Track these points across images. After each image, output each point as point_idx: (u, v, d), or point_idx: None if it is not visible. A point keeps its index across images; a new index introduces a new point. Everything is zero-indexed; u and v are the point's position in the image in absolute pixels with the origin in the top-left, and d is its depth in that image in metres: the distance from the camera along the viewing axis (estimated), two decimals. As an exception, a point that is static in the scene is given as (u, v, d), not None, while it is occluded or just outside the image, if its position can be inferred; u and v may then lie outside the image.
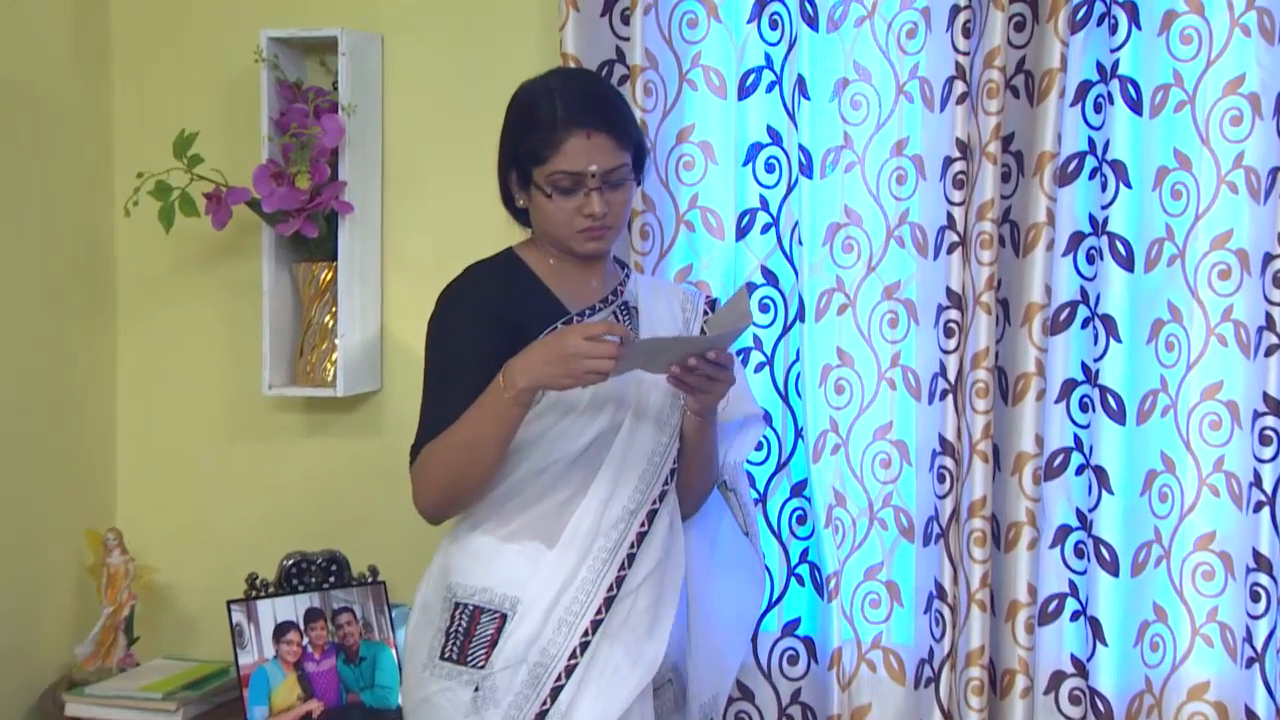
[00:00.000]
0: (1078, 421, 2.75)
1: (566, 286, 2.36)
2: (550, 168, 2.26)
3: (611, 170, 2.26)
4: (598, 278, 2.39)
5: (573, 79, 2.45)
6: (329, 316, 2.99)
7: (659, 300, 2.46)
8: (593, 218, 2.27)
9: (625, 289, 2.43)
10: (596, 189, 2.26)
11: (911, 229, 2.82)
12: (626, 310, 2.41)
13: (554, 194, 2.27)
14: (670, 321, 2.43)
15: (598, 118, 2.27)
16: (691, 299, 2.50)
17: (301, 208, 2.83)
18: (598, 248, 2.33)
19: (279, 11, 3.08)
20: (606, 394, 2.27)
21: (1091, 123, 2.70)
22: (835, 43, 2.83)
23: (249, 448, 3.16)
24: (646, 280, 2.55)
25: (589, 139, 2.25)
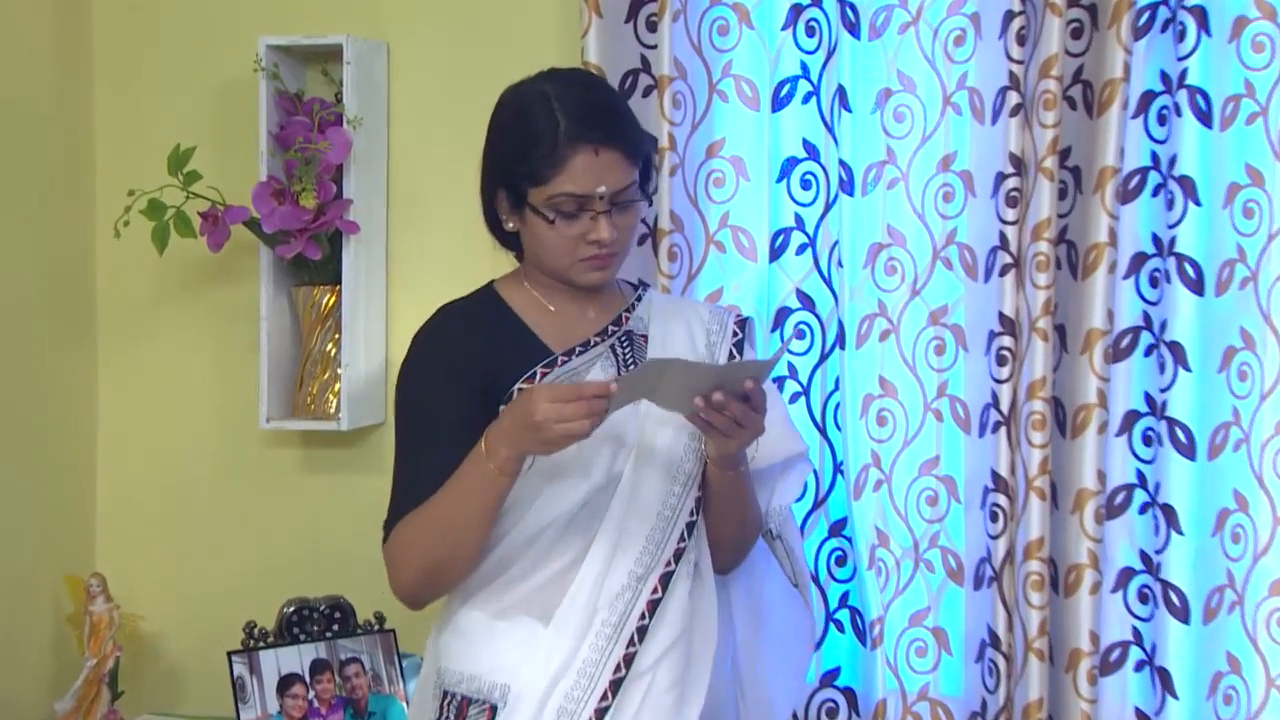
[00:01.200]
0: (1141, 456, 2.68)
1: (555, 323, 2.16)
2: (552, 189, 2.05)
3: (622, 190, 2.07)
4: (596, 307, 2.20)
5: (573, 84, 2.14)
6: (331, 344, 2.90)
7: (675, 322, 2.23)
8: (599, 245, 2.08)
9: (632, 315, 2.22)
10: (605, 212, 2.06)
11: (960, 250, 2.75)
12: (628, 340, 2.19)
13: (556, 218, 2.07)
14: (687, 348, 2.21)
15: (606, 130, 2.06)
16: (719, 319, 2.27)
17: (304, 228, 2.73)
18: (602, 278, 2.14)
19: (275, 18, 2.99)
20: (602, 437, 2.01)
21: (1155, 136, 2.64)
22: (877, 51, 2.76)
23: (243, 485, 3.06)
24: (663, 300, 2.32)
25: (597, 156, 2.04)
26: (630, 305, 2.24)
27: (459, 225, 2.91)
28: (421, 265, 2.99)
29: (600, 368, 2.14)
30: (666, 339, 2.20)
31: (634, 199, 2.10)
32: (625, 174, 2.07)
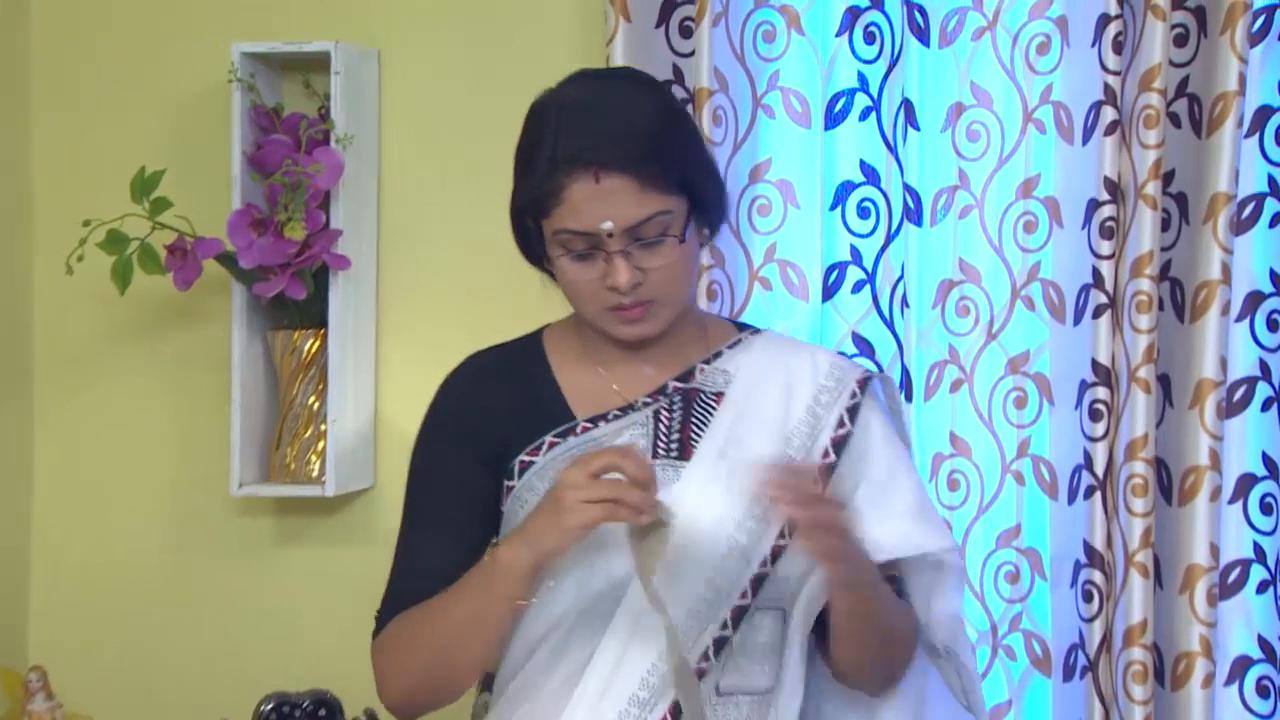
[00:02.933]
0: (1259, 526, 2.53)
1: (594, 381, 1.93)
2: (554, 223, 1.83)
3: (639, 224, 1.79)
4: (658, 360, 1.93)
5: (588, 88, 1.88)
6: (314, 397, 2.69)
7: (771, 376, 1.94)
8: (618, 292, 1.82)
9: (710, 368, 1.94)
10: (620, 252, 1.80)
11: (1044, 288, 2.59)
12: (684, 403, 1.92)
13: (567, 258, 1.84)
14: (777, 410, 1.91)
15: (609, 150, 1.77)
16: (838, 374, 1.96)
17: (288, 263, 2.52)
18: (637, 333, 1.87)
19: (247, 23, 2.80)
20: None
21: (1274, 157, 2.50)
22: (948, 60, 2.61)
23: (210, 561, 2.85)
24: (768, 345, 2.00)
25: (597, 183, 1.77)
26: (712, 355, 1.97)
27: (459, 259, 2.78)
28: (416, 305, 2.81)
29: (628, 439, 1.89)
30: (750, 399, 1.92)
31: (663, 234, 1.81)
32: (638, 205, 1.78)
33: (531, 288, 2.69)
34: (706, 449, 1.88)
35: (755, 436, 1.88)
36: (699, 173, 1.86)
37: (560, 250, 1.83)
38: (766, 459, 1.82)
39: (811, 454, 1.89)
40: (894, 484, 1.91)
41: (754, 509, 1.84)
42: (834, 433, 1.92)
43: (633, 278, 1.80)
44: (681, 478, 1.86)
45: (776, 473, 1.73)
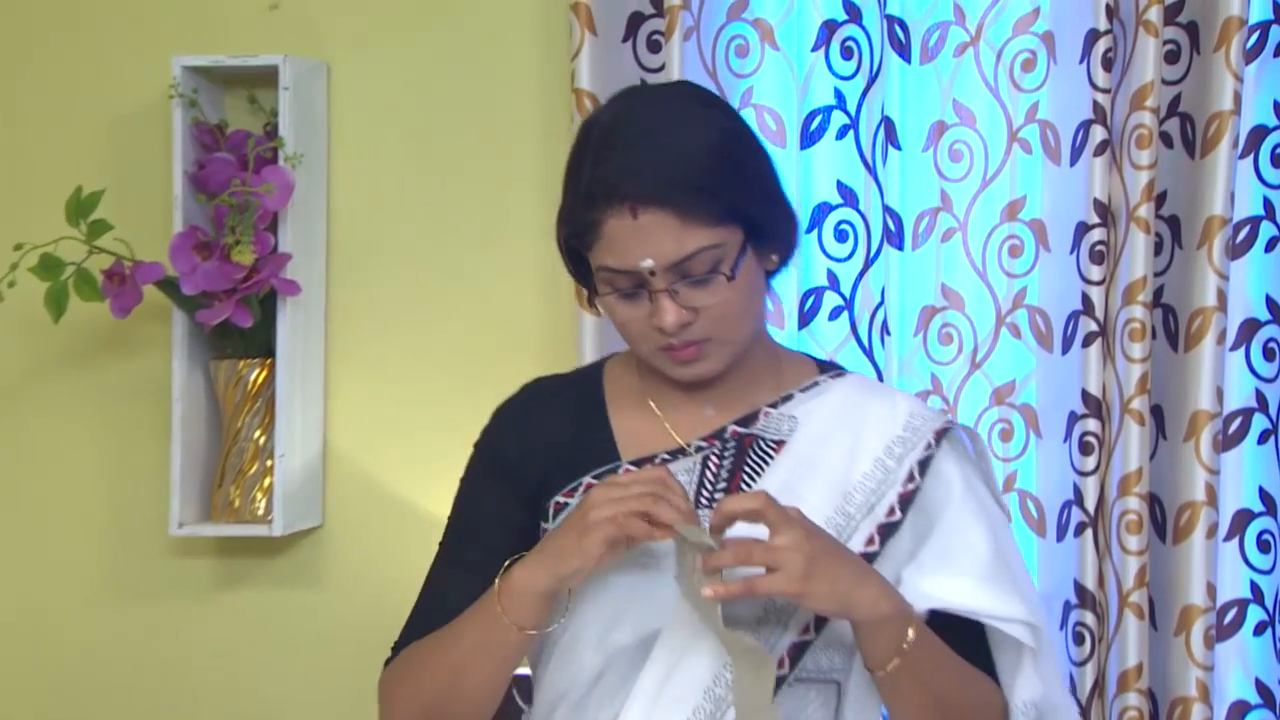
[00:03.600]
0: (1256, 565, 2.47)
1: (647, 420, 1.79)
2: (596, 258, 1.69)
3: (682, 261, 1.65)
4: (719, 403, 1.79)
5: (630, 108, 1.73)
6: (260, 430, 2.59)
7: (843, 425, 1.78)
8: (663, 333, 1.68)
9: (776, 412, 1.79)
10: (665, 291, 1.66)
11: (1030, 314, 2.54)
12: (738, 449, 1.77)
13: (613, 296, 1.70)
14: (841, 463, 1.75)
15: (645, 181, 1.63)
16: (917, 424, 1.79)
17: (233, 289, 2.42)
18: (694, 374, 1.73)
19: (187, 35, 2.71)
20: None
21: (1269, 179, 2.45)
22: (930, 77, 2.54)
23: (146, 608, 2.75)
24: (848, 390, 1.83)
25: (635, 218, 1.64)
26: (782, 398, 1.80)
27: (412, 283, 2.71)
28: (366, 332, 2.73)
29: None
30: (813, 449, 1.76)
31: (714, 270, 1.65)
32: (680, 241, 1.63)
33: (489, 312, 2.65)
34: None
35: (811, 491, 1.72)
36: (756, 199, 1.70)
37: (606, 287, 1.70)
38: (819, 516, 1.67)
39: (874, 512, 1.72)
40: (964, 537, 1.71)
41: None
42: (902, 488, 1.74)
43: (680, 318, 1.66)
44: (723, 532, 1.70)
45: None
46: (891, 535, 1.71)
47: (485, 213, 2.67)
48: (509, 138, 2.65)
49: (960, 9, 2.51)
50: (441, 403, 2.66)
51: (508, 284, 2.66)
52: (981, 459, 1.81)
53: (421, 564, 2.64)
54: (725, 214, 1.65)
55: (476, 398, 2.61)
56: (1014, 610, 1.70)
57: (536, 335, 2.65)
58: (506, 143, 2.65)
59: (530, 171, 2.64)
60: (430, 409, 2.67)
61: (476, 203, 2.67)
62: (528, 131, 2.65)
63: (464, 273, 2.67)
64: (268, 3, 2.70)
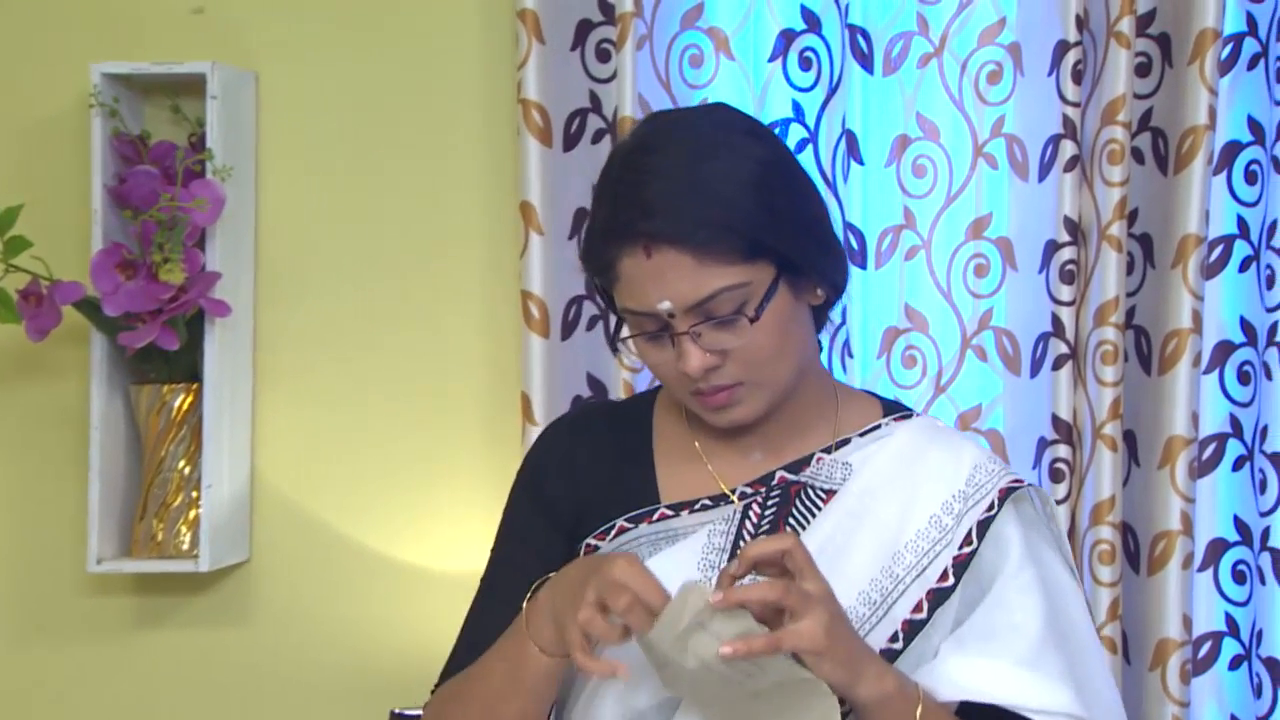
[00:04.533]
0: (1231, 597, 2.44)
1: (690, 462, 1.71)
2: (619, 301, 1.61)
3: (703, 302, 1.55)
4: (770, 445, 1.69)
5: (651, 136, 1.63)
6: (185, 460, 2.49)
7: (902, 474, 1.67)
8: (688, 378, 1.59)
9: (830, 458, 1.69)
10: (686, 334, 1.57)
11: (997, 336, 2.49)
12: (782, 499, 1.68)
13: (640, 338, 1.62)
14: (894, 521, 1.64)
15: (658, 218, 1.54)
16: (981, 479, 1.67)
17: (159, 310, 2.32)
18: (727, 420, 1.63)
19: (106, 42, 2.60)
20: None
21: (1243, 197, 2.42)
22: (894, 89, 2.48)
23: (60, 649, 2.63)
24: (914, 435, 1.71)
25: (649, 258, 1.55)
26: (838, 443, 1.70)
27: (345, 303, 2.62)
28: (297, 355, 2.64)
29: (707, 536, 1.65)
30: (866, 500, 1.66)
31: (738, 311, 1.56)
32: (697, 282, 1.54)
33: (428, 334, 2.56)
34: None
35: (856, 547, 1.62)
36: (790, 234, 1.58)
37: (633, 329, 1.61)
38: (864, 576, 1.59)
39: (924, 575, 1.60)
40: (1008, 614, 1.59)
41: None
42: (958, 551, 1.62)
43: (704, 362, 1.57)
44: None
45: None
46: (942, 603, 1.59)
47: (423, 229, 2.59)
48: (448, 150, 2.57)
49: (924, 19, 2.47)
50: (377, 430, 2.58)
51: (448, 304, 2.58)
52: (1051, 521, 1.69)
53: (355, 599, 2.60)
54: (750, 251, 1.55)
55: (414, 424, 2.58)
56: (1057, 701, 1.57)
57: (479, 358, 2.57)
58: (446, 155, 2.57)
59: (472, 185, 2.57)
60: (364, 436, 2.59)
61: (414, 219, 2.59)
62: (469, 144, 2.57)
63: (401, 292, 2.58)
64: (191, 7, 2.60)
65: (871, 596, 1.59)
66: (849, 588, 1.58)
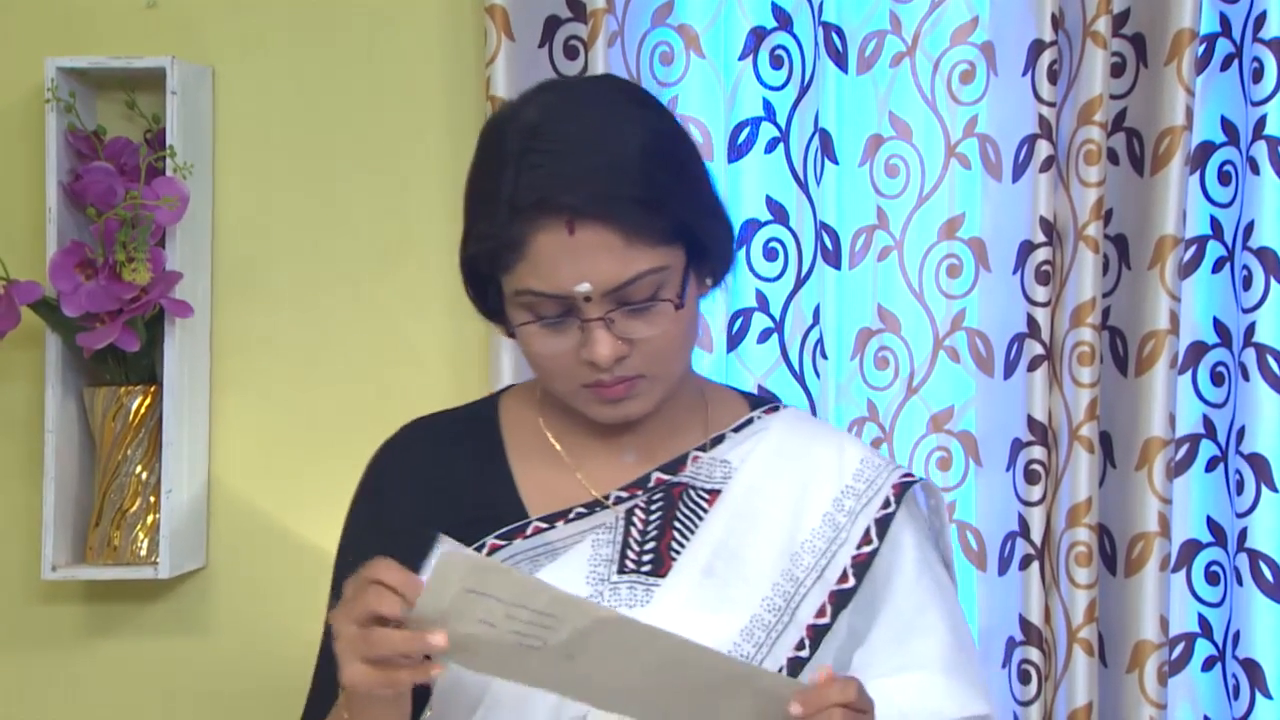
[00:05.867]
0: (1204, 598, 2.43)
1: (556, 467, 1.61)
2: (515, 281, 1.48)
3: (624, 285, 1.46)
4: (640, 446, 1.61)
5: (560, 107, 1.50)
6: (141, 465, 2.41)
7: (785, 470, 1.61)
8: (593, 368, 1.49)
9: (706, 455, 1.62)
10: (599, 320, 1.47)
11: (969, 337, 2.45)
12: (666, 501, 1.59)
13: (534, 325, 1.50)
14: (786, 518, 1.58)
15: (586, 192, 1.43)
16: (870, 474, 1.63)
17: (120, 310, 2.25)
18: (621, 415, 1.54)
19: (58, 35, 2.51)
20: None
21: (1216, 198, 2.40)
22: (867, 87, 2.45)
23: (11, 661, 2.54)
24: (788, 428, 1.66)
25: (571, 235, 1.44)
26: (712, 440, 1.63)
27: (304, 304, 2.54)
28: (255, 357, 2.55)
29: (590, 547, 1.56)
30: (753, 500, 1.59)
31: (656, 295, 1.48)
32: (623, 262, 1.45)
33: (390, 336, 2.50)
34: (689, 563, 1.55)
35: (753, 550, 1.56)
36: (699, 213, 1.51)
37: (525, 314, 1.49)
38: (764, 580, 1.54)
39: (824, 577, 1.56)
40: (922, 623, 1.58)
41: (745, 642, 1.53)
42: (856, 550, 1.58)
43: (616, 351, 1.47)
44: (653, 600, 1.53)
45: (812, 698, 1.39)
46: (845, 605, 1.56)
47: (386, 229, 2.51)
48: (411, 148, 2.50)
49: (896, 17, 2.43)
50: (337, 434, 2.50)
51: (411, 305, 2.50)
52: (936, 516, 1.67)
53: (314, 607, 2.50)
54: (671, 232, 1.47)
55: (376, 429, 2.44)
56: (973, 707, 1.58)
57: (443, 360, 2.50)
58: (409, 154, 2.50)
59: (435, 184, 2.49)
60: (325, 441, 2.50)
61: (376, 218, 2.51)
62: (432, 141, 2.50)
63: (362, 294, 2.51)
64: (144, 1, 2.53)
65: (776, 603, 1.54)
66: (753, 595, 1.54)
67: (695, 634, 1.39)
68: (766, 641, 1.52)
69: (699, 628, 1.45)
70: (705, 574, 1.54)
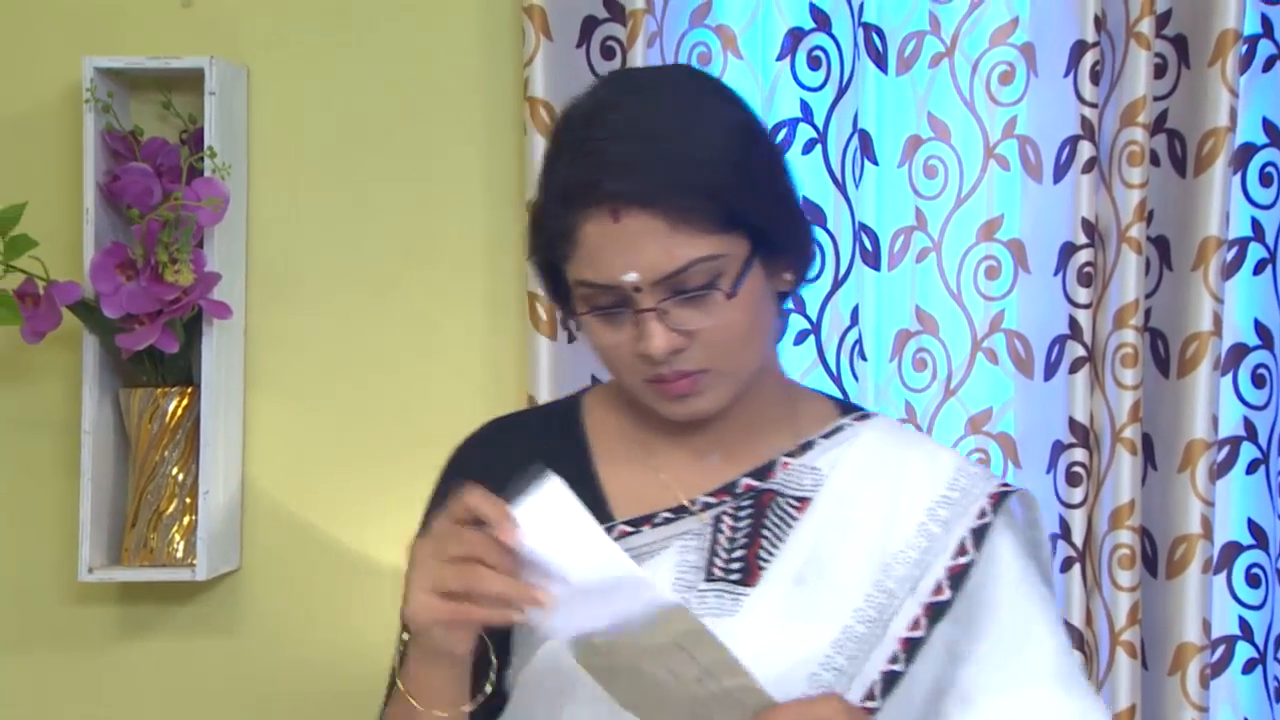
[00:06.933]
0: (1245, 600, 2.39)
1: (640, 469, 1.56)
2: (573, 271, 1.45)
3: (673, 274, 1.41)
4: (726, 449, 1.55)
5: (614, 94, 1.50)
6: (177, 467, 2.38)
7: (877, 479, 1.55)
8: (649, 361, 1.45)
9: (795, 463, 1.56)
10: (651, 310, 1.42)
11: (1008, 339, 2.42)
12: (756, 509, 1.54)
13: (592, 316, 1.46)
14: (878, 528, 1.52)
15: (628, 177, 1.40)
16: (965, 484, 1.56)
17: (159, 311, 2.22)
18: (687, 412, 1.49)
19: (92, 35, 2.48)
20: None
21: (1257, 200, 2.38)
22: (905, 88, 2.41)
23: (48, 661, 2.50)
24: (879, 438, 1.60)
25: (615, 222, 1.41)
26: (801, 445, 1.57)
27: (339, 305, 2.51)
28: (289, 357, 2.51)
29: (677, 553, 1.51)
30: (843, 509, 1.53)
31: (712, 284, 1.42)
32: (670, 250, 1.40)
33: (426, 336, 2.47)
34: (778, 573, 1.50)
35: (845, 560, 1.50)
36: (765, 203, 1.45)
37: (584, 305, 1.45)
38: (856, 591, 1.48)
39: (918, 589, 1.50)
40: (1029, 636, 1.50)
41: (837, 654, 1.47)
42: (951, 561, 1.51)
43: (669, 343, 1.42)
44: (741, 609, 1.48)
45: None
46: (940, 618, 1.49)
47: (421, 229, 2.47)
48: (446, 148, 2.46)
49: (935, 18, 2.40)
50: (372, 435, 2.47)
51: (446, 305, 2.47)
52: (1034, 528, 1.59)
53: (348, 608, 2.49)
54: (727, 220, 1.41)
55: (411, 430, 2.47)
56: (1097, 716, 1.52)
57: (479, 360, 2.47)
58: (444, 155, 2.46)
59: (471, 184, 2.46)
60: (359, 442, 2.48)
61: (412, 218, 2.47)
62: (468, 142, 2.47)
63: (398, 294, 2.47)
64: (179, 0, 2.49)
65: (868, 614, 1.49)
66: (844, 606, 1.48)
67: (785, 644, 1.38)
68: (859, 654, 1.47)
69: (789, 638, 1.43)
70: (796, 583, 1.49)
